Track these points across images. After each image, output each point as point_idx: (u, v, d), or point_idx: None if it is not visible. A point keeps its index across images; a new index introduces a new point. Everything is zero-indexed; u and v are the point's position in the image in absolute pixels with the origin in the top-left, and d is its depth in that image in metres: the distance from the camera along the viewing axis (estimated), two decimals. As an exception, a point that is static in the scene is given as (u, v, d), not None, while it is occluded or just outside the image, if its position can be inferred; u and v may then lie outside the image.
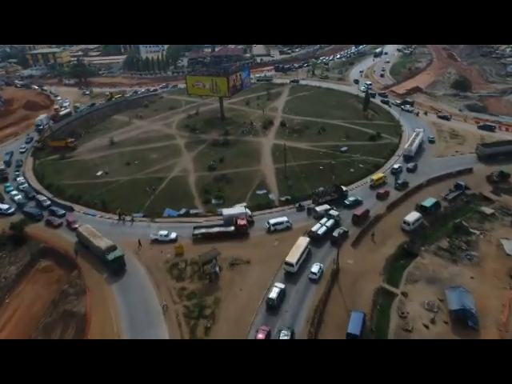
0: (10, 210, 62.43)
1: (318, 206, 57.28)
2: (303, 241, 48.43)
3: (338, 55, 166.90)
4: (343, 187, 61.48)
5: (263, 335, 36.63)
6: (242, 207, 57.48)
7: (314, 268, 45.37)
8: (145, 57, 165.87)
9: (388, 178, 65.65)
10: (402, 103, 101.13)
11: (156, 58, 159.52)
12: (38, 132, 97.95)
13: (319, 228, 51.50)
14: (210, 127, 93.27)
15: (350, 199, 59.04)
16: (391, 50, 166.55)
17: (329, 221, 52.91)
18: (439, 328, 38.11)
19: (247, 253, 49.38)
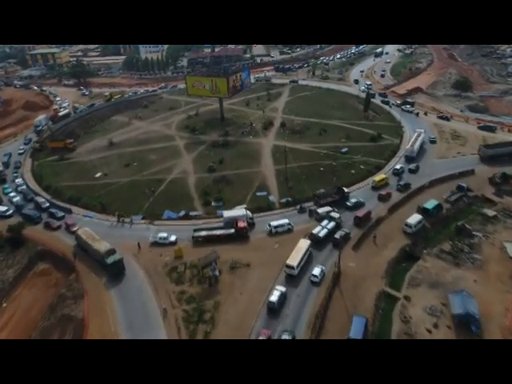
0: (9, 212, 61.96)
1: (320, 208, 56.76)
2: (304, 243, 47.93)
3: (338, 55, 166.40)
4: (345, 189, 60.96)
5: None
6: (243, 209, 56.96)
7: (316, 270, 44.94)
8: (144, 57, 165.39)
9: (390, 179, 65.13)
10: (403, 103, 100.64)
11: (156, 59, 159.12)
12: (37, 133, 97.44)
13: (320, 230, 50.99)
14: (210, 128, 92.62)
15: (352, 201, 58.45)
16: (392, 50, 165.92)
17: (330, 223, 52.39)
18: (442, 333, 37.52)
19: (247, 255, 48.84)
